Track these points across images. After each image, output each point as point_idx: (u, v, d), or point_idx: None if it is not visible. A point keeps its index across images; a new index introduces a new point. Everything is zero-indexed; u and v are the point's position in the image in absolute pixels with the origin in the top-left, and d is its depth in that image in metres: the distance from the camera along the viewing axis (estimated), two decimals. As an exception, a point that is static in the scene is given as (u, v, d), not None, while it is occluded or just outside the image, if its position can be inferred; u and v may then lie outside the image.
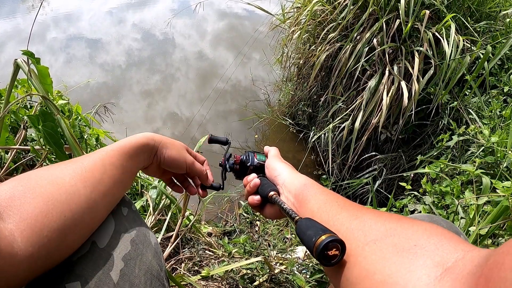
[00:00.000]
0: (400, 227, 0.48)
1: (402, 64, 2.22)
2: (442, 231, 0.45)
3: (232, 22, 5.30)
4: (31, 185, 0.51)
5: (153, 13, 5.71)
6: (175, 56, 4.59)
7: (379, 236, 0.48)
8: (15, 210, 0.47)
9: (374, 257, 0.46)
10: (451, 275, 0.37)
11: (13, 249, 0.44)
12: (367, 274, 0.45)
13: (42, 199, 0.50)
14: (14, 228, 0.46)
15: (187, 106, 3.77)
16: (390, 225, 0.49)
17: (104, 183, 0.60)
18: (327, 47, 2.55)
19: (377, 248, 0.46)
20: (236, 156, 0.89)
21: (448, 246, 0.41)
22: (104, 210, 0.61)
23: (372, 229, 0.50)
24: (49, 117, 1.10)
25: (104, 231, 0.61)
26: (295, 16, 3.05)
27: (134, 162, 0.69)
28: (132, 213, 0.69)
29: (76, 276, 0.53)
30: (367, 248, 0.48)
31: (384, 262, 0.44)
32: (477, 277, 0.34)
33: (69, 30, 5.24)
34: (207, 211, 2.27)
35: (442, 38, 2.11)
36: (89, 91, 3.79)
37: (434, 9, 2.21)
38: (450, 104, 2.20)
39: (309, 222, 0.53)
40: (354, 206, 0.59)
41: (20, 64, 1.05)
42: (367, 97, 2.31)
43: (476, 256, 0.37)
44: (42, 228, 0.48)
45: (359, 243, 0.49)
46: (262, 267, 1.40)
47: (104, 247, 0.58)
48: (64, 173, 0.56)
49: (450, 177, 1.68)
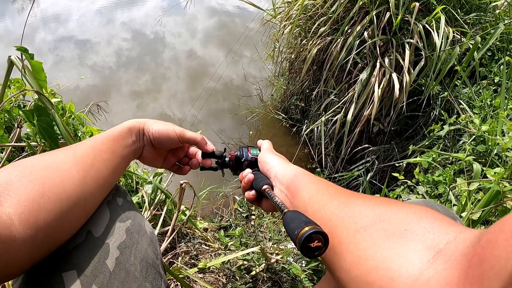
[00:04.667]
0: (390, 212, 0.48)
1: (393, 56, 2.23)
2: (432, 213, 0.45)
3: (223, 20, 5.28)
4: (27, 170, 0.52)
5: (143, 11, 5.67)
6: (165, 55, 4.56)
7: (369, 223, 0.48)
8: (12, 194, 0.48)
9: (366, 244, 0.46)
10: (444, 257, 0.37)
11: (11, 232, 0.45)
12: (360, 261, 0.45)
13: (38, 182, 0.51)
14: (12, 212, 0.46)
15: (178, 106, 3.74)
16: (380, 210, 0.49)
17: (95, 167, 0.61)
18: (318, 41, 2.56)
19: (368, 234, 0.47)
20: (230, 152, 0.90)
21: (439, 228, 0.42)
22: (98, 195, 0.62)
23: (362, 215, 0.50)
24: (44, 112, 1.10)
25: (100, 220, 0.62)
26: (286, 11, 3.05)
27: (123, 146, 0.70)
28: (127, 203, 0.70)
29: (72, 264, 0.54)
30: (358, 235, 0.48)
31: (375, 248, 0.45)
32: (470, 256, 0.34)
33: (58, 31, 5.19)
34: (203, 207, 2.27)
35: (432, 30, 2.13)
36: (79, 93, 3.74)
37: (424, 1, 2.23)
38: (441, 95, 2.22)
39: (294, 215, 0.53)
40: (344, 193, 0.59)
41: (14, 61, 1.05)
42: (359, 90, 2.32)
43: (468, 236, 0.38)
44: (39, 210, 0.49)
45: (350, 230, 0.49)
46: (258, 258, 1.41)
47: (99, 236, 0.59)
48: (58, 159, 0.58)
49: (442, 166, 1.70)
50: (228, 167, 0.90)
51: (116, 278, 0.57)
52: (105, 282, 0.55)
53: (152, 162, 0.81)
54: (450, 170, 1.60)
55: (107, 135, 0.68)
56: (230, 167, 0.90)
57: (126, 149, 0.71)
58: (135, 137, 0.73)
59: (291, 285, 1.33)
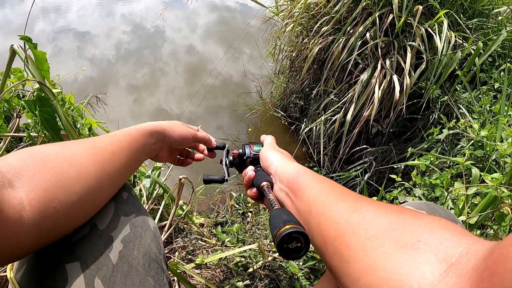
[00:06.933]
0: (403, 221, 0.46)
1: (395, 58, 2.24)
2: (445, 224, 0.44)
3: (224, 15, 5.26)
4: (43, 159, 0.52)
5: (143, 4, 5.64)
6: (164, 50, 4.53)
7: (380, 231, 0.46)
8: (27, 180, 0.48)
9: (376, 253, 0.44)
10: (456, 271, 0.36)
11: (21, 217, 0.45)
12: (369, 270, 0.44)
13: (54, 173, 0.51)
14: (24, 197, 0.46)
15: (176, 101, 3.72)
16: (392, 218, 0.47)
17: (112, 164, 0.62)
18: (320, 40, 2.56)
19: (380, 243, 0.45)
20: (233, 151, 0.90)
21: (452, 240, 0.40)
22: (110, 191, 0.63)
23: (373, 223, 0.48)
24: (46, 103, 1.10)
25: (104, 213, 0.62)
26: (288, 9, 3.05)
27: (142, 146, 0.72)
28: (132, 197, 0.70)
29: (75, 256, 0.54)
30: (368, 243, 0.46)
31: (386, 258, 0.43)
32: (482, 270, 0.33)
33: (57, 22, 5.15)
34: (199, 202, 2.27)
35: (434, 34, 2.13)
36: (77, 85, 3.72)
37: (427, 5, 2.23)
38: (441, 99, 2.22)
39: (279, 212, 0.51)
40: (351, 196, 0.57)
41: (17, 50, 1.05)
42: (359, 90, 2.33)
43: (480, 249, 0.36)
44: (51, 199, 0.49)
45: (360, 237, 0.47)
46: (255, 255, 1.41)
47: (103, 229, 0.60)
48: (76, 152, 0.58)
49: (440, 170, 1.70)
50: (233, 166, 0.91)
51: (119, 272, 0.57)
52: (108, 275, 0.55)
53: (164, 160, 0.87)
54: (448, 173, 1.60)
55: (128, 133, 0.70)
56: (235, 166, 0.91)
57: (144, 150, 0.73)
58: (156, 140, 0.76)
59: (288, 283, 1.33)
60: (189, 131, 0.85)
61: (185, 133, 0.83)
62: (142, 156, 0.73)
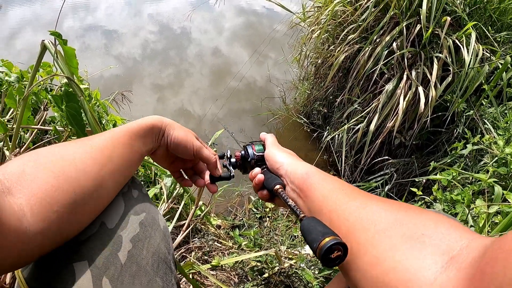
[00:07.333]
0: (408, 217, 0.49)
1: (421, 70, 2.22)
2: (448, 220, 0.47)
3: (250, 19, 5.27)
4: (42, 161, 0.52)
5: (171, 5, 5.69)
6: (190, 51, 4.55)
7: (388, 226, 0.49)
8: (25, 184, 0.47)
9: (384, 246, 0.47)
10: (456, 264, 0.39)
11: (22, 224, 0.44)
12: (377, 262, 0.46)
13: (52, 174, 0.51)
14: (24, 203, 0.46)
15: (199, 102, 3.72)
16: (400, 214, 0.50)
17: (112, 161, 0.61)
18: (346, 48, 2.55)
19: (387, 237, 0.48)
20: (235, 153, 0.88)
21: (455, 235, 0.43)
22: (113, 188, 0.62)
23: (382, 218, 0.51)
24: (73, 98, 1.12)
25: (114, 212, 0.61)
26: (315, 15, 3.05)
27: (143, 143, 0.69)
28: (142, 195, 0.69)
29: (83, 255, 0.54)
30: (376, 236, 0.49)
31: (393, 251, 0.46)
32: (475, 270, 0.36)
33: (86, 19, 5.24)
34: (217, 204, 2.28)
35: (462, 46, 2.11)
36: (103, 82, 3.76)
37: (455, 16, 2.20)
38: (466, 113, 2.19)
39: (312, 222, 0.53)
40: (361, 194, 0.59)
41: (47, 45, 1.07)
42: (384, 101, 2.31)
43: (478, 246, 0.39)
44: (52, 203, 0.48)
45: (369, 232, 0.50)
46: (271, 260, 1.42)
47: (112, 228, 0.59)
48: (74, 151, 0.57)
49: (461, 186, 1.68)
50: (236, 168, 0.88)
51: (127, 271, 0.56)
52: (116, 275, 0.55)
53: (161, 162, 0.80)
54: (470, 190, 1.58)
55: (127, 128, 0.67)
56: (238, 167, 0.89)
57: (144, 146, 0.70)
58: (154, 137, 0.72)
59: (302, 291, 1.33)
60: (193, 141, 0.76)
61: (186, 140, 0.75)
62: (143, 149, 0.70)
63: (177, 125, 0.76)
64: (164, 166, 0.82)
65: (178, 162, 0.83)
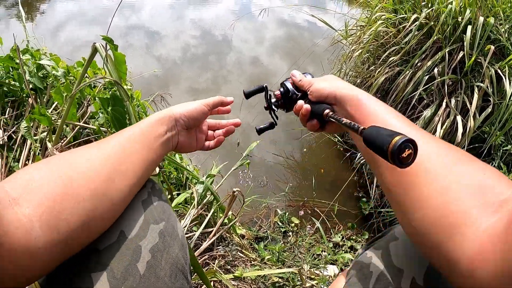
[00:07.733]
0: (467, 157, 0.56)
1: (461, 98, 2.18)
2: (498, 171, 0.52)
3: (292, 32, 5.28)
4: (49, 168, 0.51)
5: (214, 12, 5.76)
6: (229, 58, 4.59)
7: (453, 161, 0.55)
8: (33, 194, 0.46)
9: (450, 178, 0.52)
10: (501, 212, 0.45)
11: (31, 236, 0.43)
12: (443, 192, 0.51)
13: (60, 182, 0.50)
14: (32, 213, 0.45)
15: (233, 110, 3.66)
16: (459, 153, 0.56)
17: (124, 163, 0.60)
18: (387, 69, 2.53)
19: (451, 172, 0.53)
20: (276, 93, 0.91)
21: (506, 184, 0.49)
22: (127, 192, 0.60)
23: (448, 155, 0.56)
24: (119, 102, 1.15)
25: (133, 220, 0.60)
26: (357, 34, 3.04)
27: (155, 137, 0.68)
28: (162, 202, 0.67)
29: (102, 265, 0.53)
30: (443, 168, 0.54)
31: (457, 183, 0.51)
32: None
33: (130, 18, 5.36)
34: (243, 213, 2.29)
35: (504, 76, 2.06)
36: (143, 81, 3.82)
37: (499, 44, 2.16)
38: (504, 147, 2.14)
39: (376, 129, 0.51)
40: (415, 126, 0.63)
41: (98, 49, 1.11)
42: (421, 127, 2.27)
43: None
44: (60, 211, 0.48)
45: (436, 163, 0.55)
46: (293, 278, 1.41)
47: (132, 237, 0.58)
48: (84, 156, 0.57)
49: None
50: (279, 108, 0.91)
51: (146, 283, 0.55)
52: (135, 286, 0.54)
53: (189, 147, 0.80)
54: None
55: (136, 128, 0.67)
56: (280, 107, 0.91)
57: (158, 141, 0.68)
58: (167, 127, 0.71)
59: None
60: (198, 101, 0.78)
61: (194, 104, 0.76)
62: (158, 147, 0.68)
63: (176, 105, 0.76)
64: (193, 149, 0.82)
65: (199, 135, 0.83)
